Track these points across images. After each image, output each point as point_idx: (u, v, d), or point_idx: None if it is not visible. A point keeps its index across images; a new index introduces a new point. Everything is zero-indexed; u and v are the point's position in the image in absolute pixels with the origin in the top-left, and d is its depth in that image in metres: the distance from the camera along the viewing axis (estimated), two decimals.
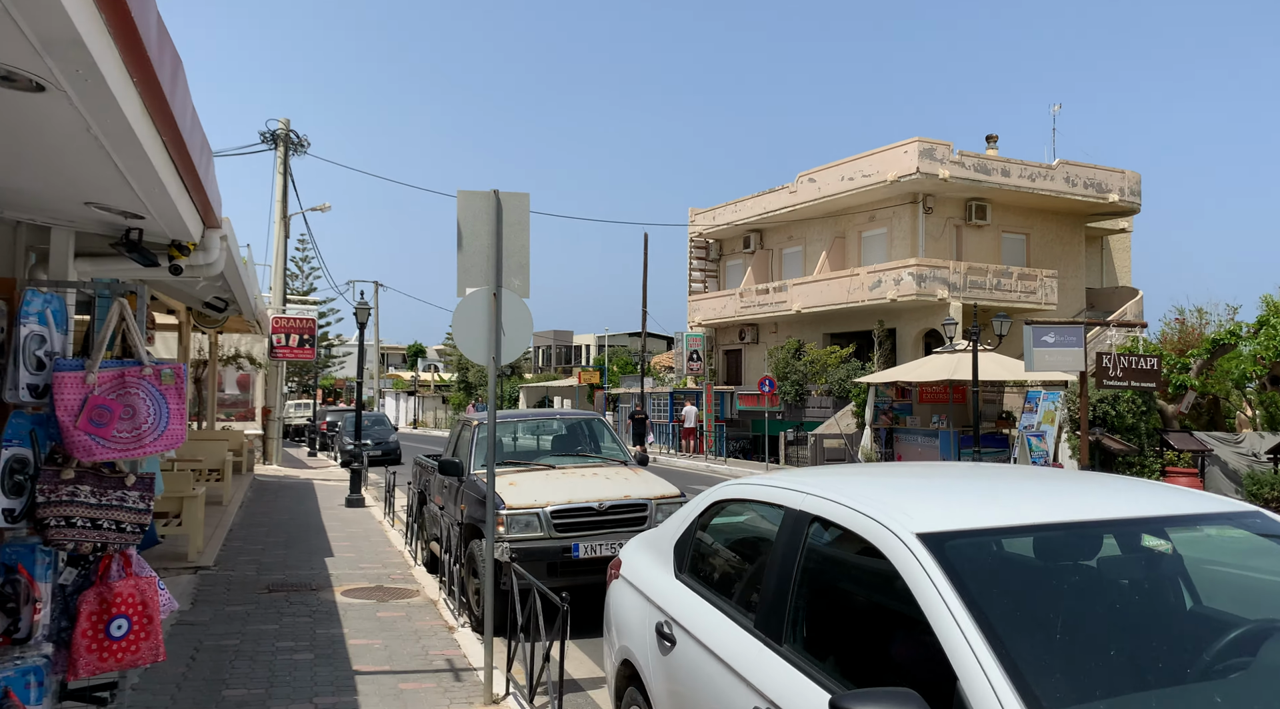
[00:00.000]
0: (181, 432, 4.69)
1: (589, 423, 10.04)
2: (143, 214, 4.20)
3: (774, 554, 3.31)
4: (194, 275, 5.15)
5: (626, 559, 4.73)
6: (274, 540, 12.34)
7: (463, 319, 5.95)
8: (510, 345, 5.93)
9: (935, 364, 21.90)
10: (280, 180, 26.53)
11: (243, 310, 9.18)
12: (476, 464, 9.07)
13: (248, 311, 9.37)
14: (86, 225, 4.60)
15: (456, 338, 5.96)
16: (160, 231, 4.66)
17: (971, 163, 28.06)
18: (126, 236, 4.66)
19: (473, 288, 5.94)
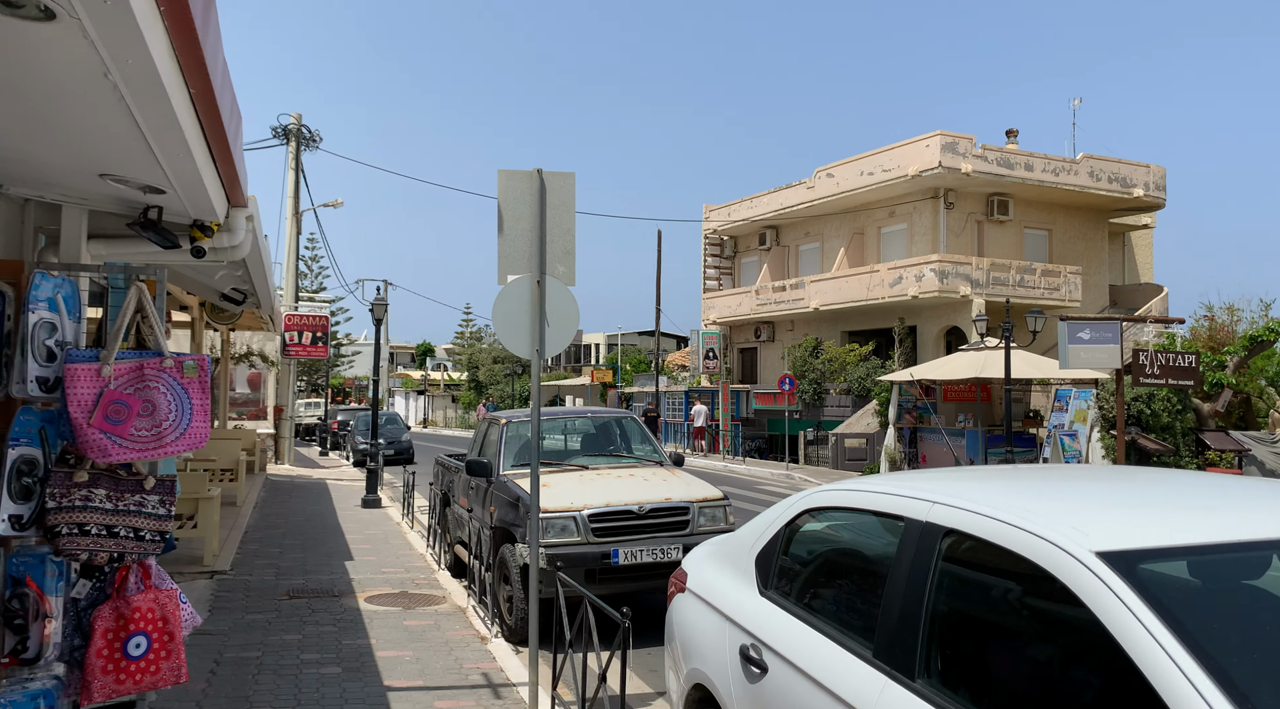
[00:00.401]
0: (205, 430, 4.26)
1: (621, 422, 9.60)
2: (164, 187, 3.78)
3: (895, 572, 2.87)
4: (217, 259, 4.73)
5: (694, 571, 4.29)
6: (291, 543, 11.94)
7: (503, 309, 5.52)
8: (555, 337, 5.50)
9: (962, 361, 21.40)
10: (292, 176, 26.16)
11: (261, 303, 8.76)
12: (507, 464, 8.65)
13: (266, 304, 8.96)
14: (101, 203, 4.17)
15: (497, 328, 5.53)
16: (181, 210, 4.23)
17: (994, 157, 27.54)
18: (145, 216, 4.23)
19: (514, 275, 5.51)
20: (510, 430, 9.01)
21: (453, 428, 61.95)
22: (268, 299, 8.51)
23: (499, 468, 8.61)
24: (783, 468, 25.70)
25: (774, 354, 35.15)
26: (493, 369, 57.33)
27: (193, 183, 3.75)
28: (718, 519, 7.73)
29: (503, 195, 5.45)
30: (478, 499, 8.99)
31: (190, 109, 3.01)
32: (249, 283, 7.24)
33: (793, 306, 31.95)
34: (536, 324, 5.45)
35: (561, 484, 7.94)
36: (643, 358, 46.08)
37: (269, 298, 8.44)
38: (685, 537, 7.53)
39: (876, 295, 28.41)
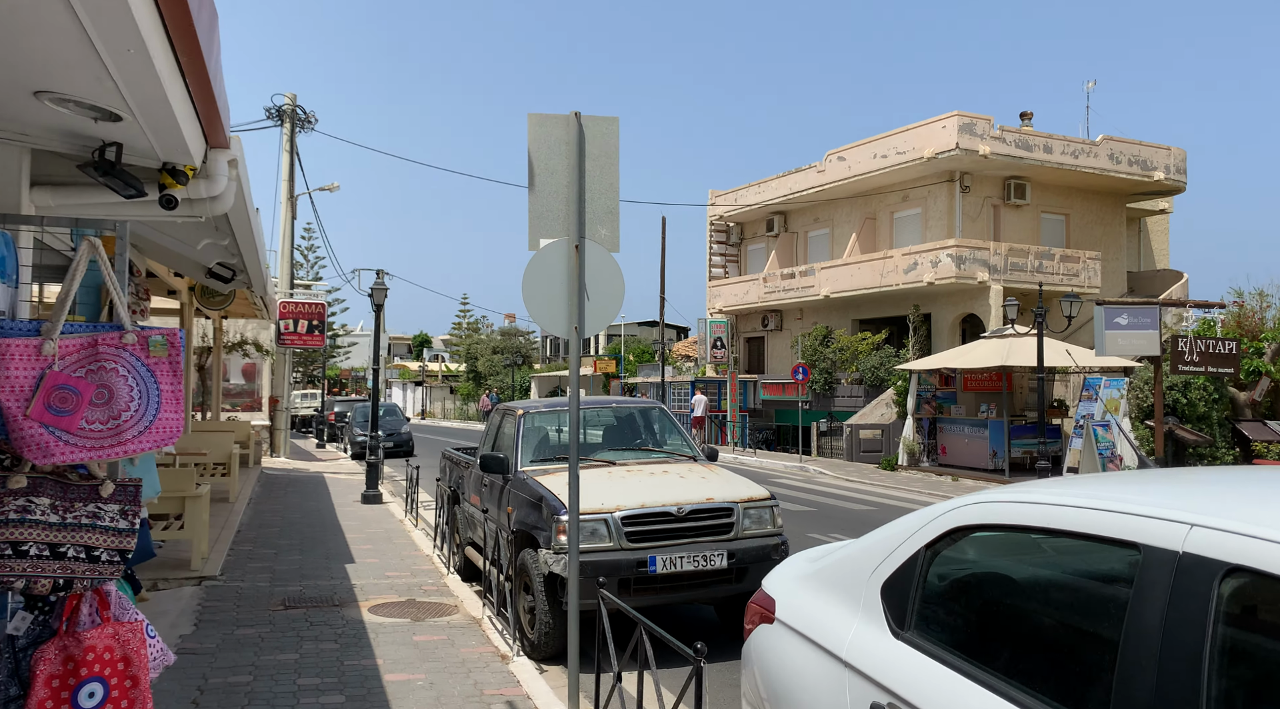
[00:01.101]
0: (178, 422, 3.43)
1: (648, 412, 8.76)
2: (120, 112, 2.93)
3: (1136, 627, 2.03)
4: (193, 214, 3.88)
5: (784, 597, 3.46)
6: (287, 543, 11.10)
7: (535, 279, 4.68)
8: (596, 312, 4.67)
9: (985, 349, 20.59)
10: (286, 159, 25.23)
11: (252, 281, 7.89)
12: (525, 460, 7.81)
13: (258, 283, 8.08)
14: (45, 139, 3.32)
15: (528, 303, 4.69)
16: (146, 148, 3.38)
17: (1012, 138, 26.68)
18: (101, 155, 3.38)
19: (547, 239, 4.66)
20: (528, 422, 8.18)
21: (451, 419, 61.09)
22: (259, 276, 7.62)
23: (516, 464, 7.78)
24: (795, 460, 24.90)
25: (782, 343, 34.33)
26: (492, 359, 56.44)
27: (156, 106, 2.90)
28: (764, 521, 6.91)
29: (534, 144, 4.60)
30: (492, 498, 8.16)
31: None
32: (237, 254, 6.36)
33: (802, 294, 31.11)
34: (574, 297, 4.61)
35: (588, 482, 7.10)
36: (646, 347, 45.21)
37: (260, 275, 7.54)
38: (729, 542, 6.71)
39: (890, 282, 27.58)
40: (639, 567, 6.41)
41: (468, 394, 59.90)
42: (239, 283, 7.99)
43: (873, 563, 3.05)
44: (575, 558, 4.98)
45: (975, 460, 20.99)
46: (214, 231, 5.50)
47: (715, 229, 36.94)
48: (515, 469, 7.72)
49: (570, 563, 5.01)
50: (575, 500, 4.95)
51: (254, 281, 7.89)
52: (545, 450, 8.04)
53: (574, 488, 4.87)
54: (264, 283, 7.66)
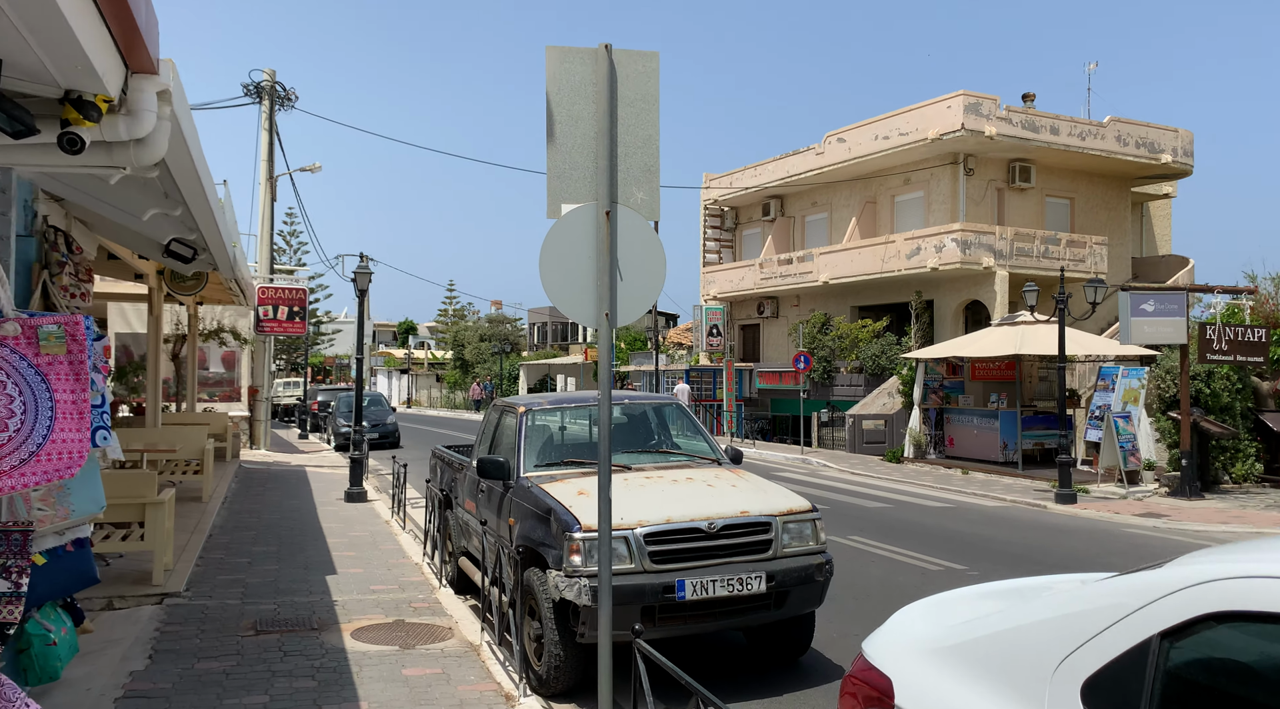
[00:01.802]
0: (78, 444, 2.52)
1: (662, 409, 7.86)
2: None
3: None
4: (113, 163, 2.93)
5: (906, 680, 2.58)
6: (262, 550, 10.17)
7: (556, 255, 3.77)
8: (631, 295, 3.77)
9: (995, 337, 19.78)
10: (265, 138, 24.13)
11: (217, 261, 6.91)
12: (528, 464, 6.91)
13: (224, 264, 7.10)
14: None
15: (546, 284, 3.78)
16: (35, 67, 2.44)
17: (1019, 119, 25.83)
18: None
19: (571, 205, 3.75)
20: (531, 421, 7.27)
21: (437, 408, 60.07)
22: (224, 255, 6.61)
23: (519, 469, 6.87)
24: (796, 451, 24.09)
25: (778, 331, 33.49)
26: (479, 347, 55.41)
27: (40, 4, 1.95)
28: (806, 537, 6.03)
29: (553, 86, 3.67)
30: (491, 506, 7.25)
31: None
32: (195, 228, 5.39)
33: (800, 280, 30.25)
34: (605, 276, 3.71)
35: None
36: (639, 335, 44.30)
37: (226, 253, 6.53)
38: (768, 561, 5.83)
39: (892, 268, 26.74)
40: (665, 593, 5.53)
41: (454, 382, 58.87)
42: (203, 263, 7.03)
43: (1059, 648, 2.16)
44: (608, 591, 4.08)
45: (985, 452, 20.22)
46: (162, 198, 4.56)
47: (710, 213, 36.01)
48: (518, 475, 6.82)
49: (601, 600, 4.12)
50: (607, 515, 4.07)
51: (219, 262, 6.91)
52: (551, 453, 7.14)
53: (605, 501, 3.99)
54: (231, 262, 6.69)
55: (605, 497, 4.16)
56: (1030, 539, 12.01)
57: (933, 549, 11.07)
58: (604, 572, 4.30)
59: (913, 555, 10.66)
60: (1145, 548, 11.45)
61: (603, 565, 4.34)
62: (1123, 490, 16.01)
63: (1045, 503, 15.16)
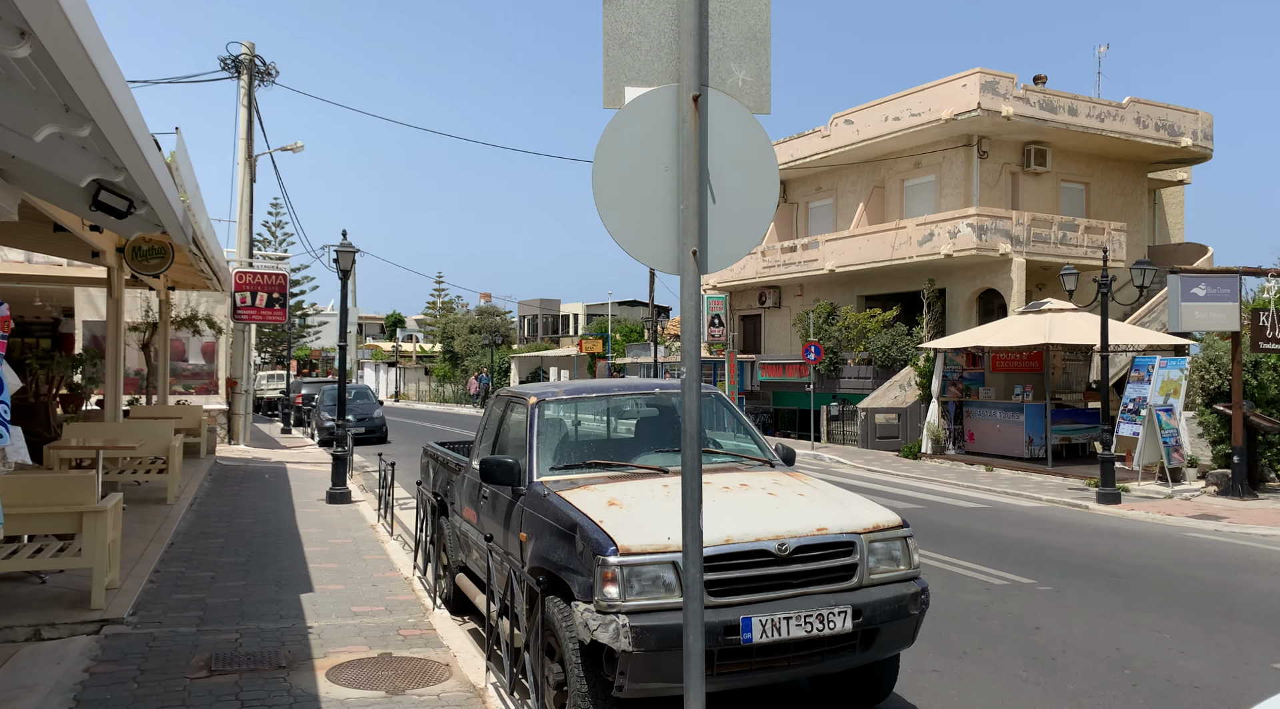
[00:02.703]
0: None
1: (704, 399, 6.64)
2: None
3: None
4: None
5: None
6: (230, 561, 8.90)
7: (614, 162, 2.55)
8: (730, 225, 2.54)
9: (1021, 326, 18.64)
10: (244, 114, 22.75)
11: (162, 219, 5.61)
12: (543, 467, 5.67)
13: (171, 222, 5.79)
14: None
15: (601, 205, 2.56)
16: None
17: (1036, 99, 24.67)
18: None
19: (638, 88, 2.50)
20: (545, 414, 6.03)
21: (426, 401, 58.70)
22: (167, 206, 5.27)
23: (532, 472, 5.64)
24: (806, 447, 22.91)
25: (780, 321, 32.31)
26: (469, 339, 53.99)
27: None
28: (897, 559, 4.83)
29: None
30: (496, 517, 6.02)
31: None
32: (116, 161, 4.14)
33: (804, 269, 29.05)
34: (691, 196, 2.47)
35: (639, 500, 4.99)
36: (636, 326, 43.00)
37: (168, 203, 5.19)
38: (853, 592, 4.62)
39: (903, 255, 25.57)
40: (727, 634, 4.30)
41: (444, 375, 57.49)
42: (144, 222, 5.74)
43: None
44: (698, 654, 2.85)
45: (1008, 448, 19.08)
46: (61, 111, 3.34)
47: None
48: (531, 480, 5.59)
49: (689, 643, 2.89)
50: (695, 530, 2.83)
51: (164, 218, 5.60)
52: (570, 453, 5.90)
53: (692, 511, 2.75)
54: (183, 223, 5.40)
55: (694, 495, 2.92)
56: (1086, 545, 10.85)
57: (985, 557, 9.89)
58: (692, 624, 3.07)
59: (966, 565, 9.47)
60: (1214, 555, 10.31)
61: (691, 616, 3.10)
62: (1166, 489, 14.88)
63: (1086, 503, 14.02)
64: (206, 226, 10.11)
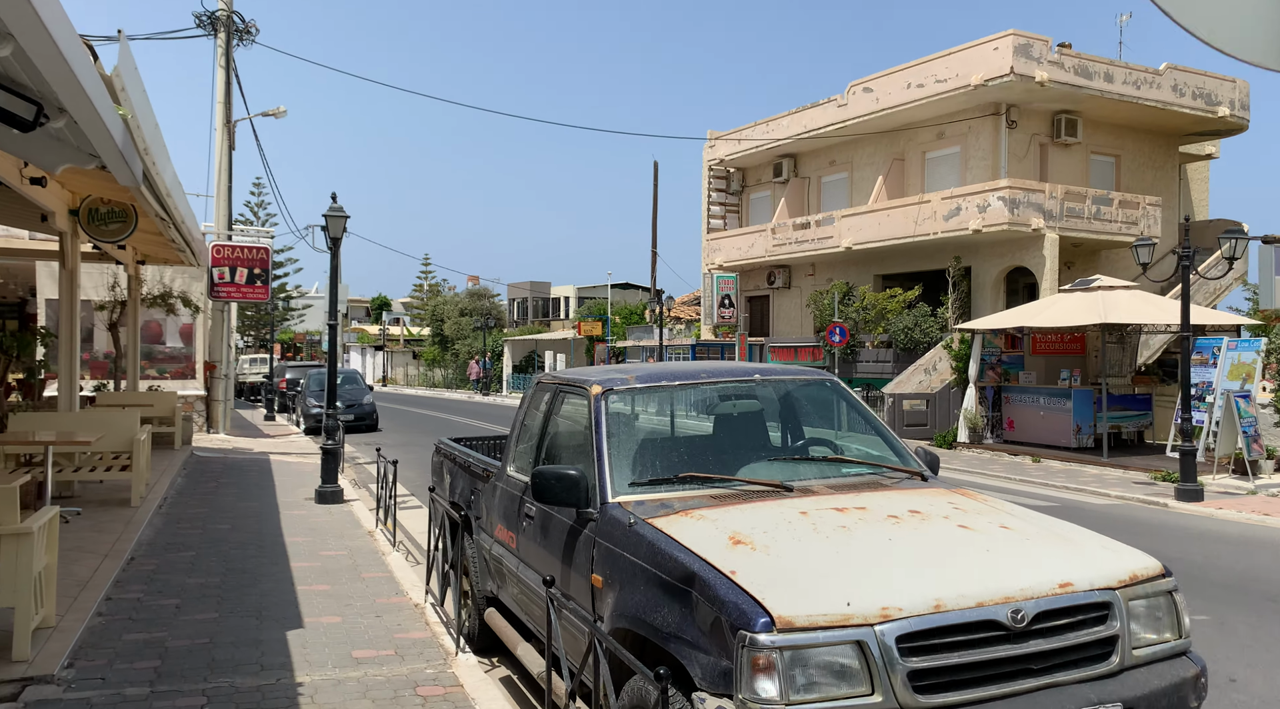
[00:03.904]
0: None
1: (814, 387, 5.14)
2: None
3: None
4: None
5: None
6: (200, 583, 7.34)
7: None
8: None
9: (1070, 304, 17.19)
10: (222, 76, 20.97)
11: (93, 138, 4.05)
12: (620, 482, 4.14)
13: (107, 147, 4.22)
14: None
15: None
16: None
17: (1071, 64, 23.15)
18: None
19: None
20: (614, 406, 4.48)
21: (415, 386, 57.01)
22: (87, 108, 3.68)
23: (604, 489, 4.10)
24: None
25: (790, 302, 30.81)
26: (459, 322, 52.27)
27: None
28: (1163, 624, 3.33)
29: None
30: (551, 546, 4.48)
31: None
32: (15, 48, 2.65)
33: (818, 247, 27.52)
34: None
35: (776, 536, 3.46)
36: (636, 309, 41.42)
37: (87, 102, 3.61)
38: (1115, 678, 3.11)
39: (926, 231, 24.07)
40: None
41: (433, 359, 55.76)
42: (66, 146, 4.21)
43: None
44: None
45: (1053, 436, 17.67)
46: None
47: (714, 175, 33.13)
48: (604, 499, 4.05)
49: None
50: None
51: (92, 134, 4.01)
52: (653, 461, 4.35)
53: None
54: (113, 138, 3.90)
55: None
56: (1200, 554, 9.41)
57: None
58: None
59: None
60: None
61: None
62: (1247, 483, 13.49)
63: (1164, 500, 12.61)
64: (173, 182, 8.49)
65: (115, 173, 4.76)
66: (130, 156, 4.59)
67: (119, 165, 4.53)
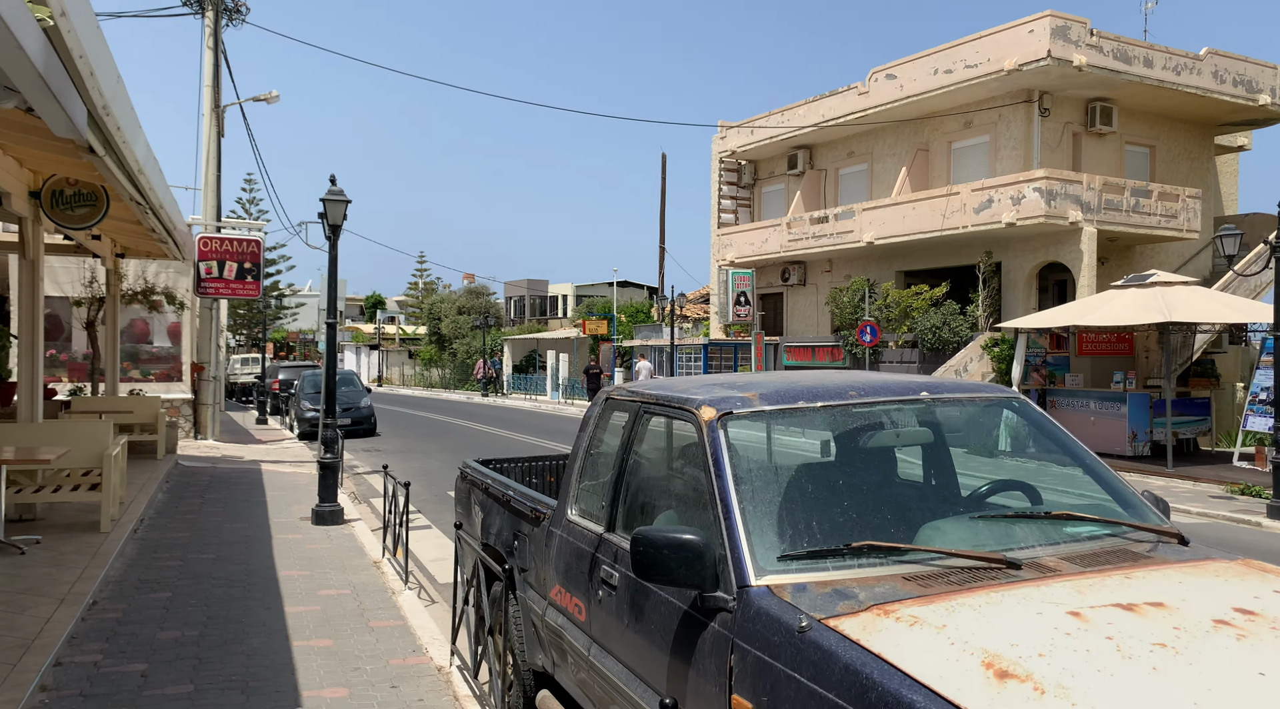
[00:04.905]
0: None
1: (998, 408, 3.88)
2: None
3: None
4: None
5: None
6: (175, 638, 6.03)
7: None
8: None
9: (1128, 302, 15.94)
10: (210, 58, 19.62)
11: (14, 80, 2.85)
12: (766, 553, 2.83)
13: (19, 67, 3.07)
14: None
15: None
16: None
17: (1110, 48, 21.93)
18: None
19: None
20: (740, 436, 3.17)
21: (411, 386, 55.62)
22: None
23: (743, 564, 2.80)
24: None
25: (804, 300, 29.56)
26: (457, 320, 50.89)
27: None
28: None
29: None
30: (656, 638, 3.17)
31: None
32: None
33: (837, 242, 26.24)
34: None
35: (1074, 668, 2.14)
36: (640, 307, 40.11)
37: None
38: None
39: (955, 224, 22.81)
40: None
41: (429, 359, 54.37)
42: None
43: None
44: None
45: (1106, 444, 16.43)
46: None
47: (725, 167, 31.84)
48: (745, 581, 2.75)
49: None
50: None
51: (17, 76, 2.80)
52: (814, 522, 3.04)
53: None
54: (30, 63, 2.74)
55: None
56: None
57: None
58: None
59: None
60: None
61: None
62: None
63: (1254, 518, 11.39)
64: (146, 157, 7.18)
65: (41, 112, 3.46)
66: (63, 90, 3.29)
67: (43, 99, 3.22)
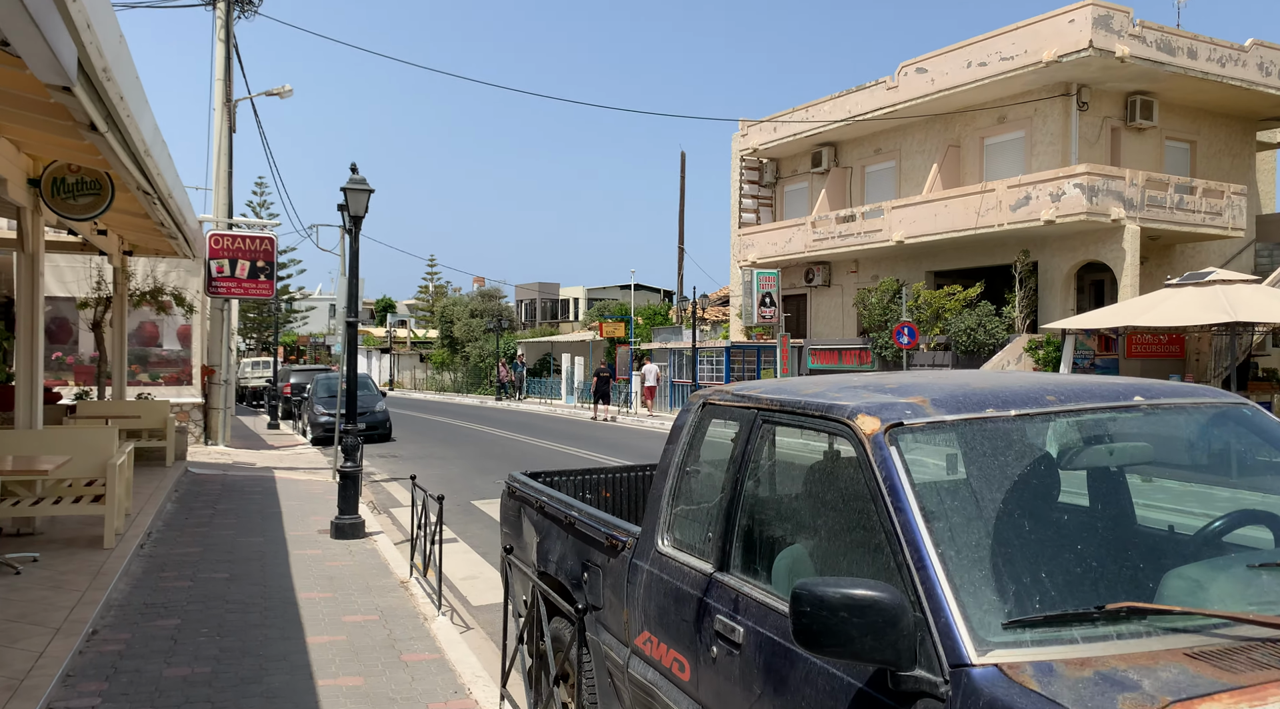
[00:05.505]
0: None
1: (1225, 417, 3.10)
2: None
3: None
4: None
5: None
6: (183, 676, 5.29)
7: None
8: None
9: (1186, 301, 15.12)
10: (221, 50, 18.97)
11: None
12: (985, 620, 2.05)
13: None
14: None
15: None
16: None
17: (1153, 38, 21.11)
18: None
19: None
20: (920, 456, 2.41)
21: (423, 390, 54.95)
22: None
23: (955, 634, 2.05)
24: None
25: (829, 301, 28.76)
26: (469, 324, 50.22)
27: None
28: None
29: None
30: None
31: None
32: None
33: (865, 241, 25.44)
34: None
35: None
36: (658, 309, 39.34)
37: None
38: None
39: (990, 222, 21.99)
40: None
41: (441, 362, 53.71)
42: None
43: None
44: None
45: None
46: None
47: (746, 166, 31.08)
48: (962, 658, 2.00)
49: None
50: None
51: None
52: (1041, 572, 2.26)
53: None
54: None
55: None
56: None
57: None
58: None
59: None
60: None
61: None
62: None
63: None
64: (153, 137, 6.48)
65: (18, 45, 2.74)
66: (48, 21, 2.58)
67: (16, 18, 2.50)
